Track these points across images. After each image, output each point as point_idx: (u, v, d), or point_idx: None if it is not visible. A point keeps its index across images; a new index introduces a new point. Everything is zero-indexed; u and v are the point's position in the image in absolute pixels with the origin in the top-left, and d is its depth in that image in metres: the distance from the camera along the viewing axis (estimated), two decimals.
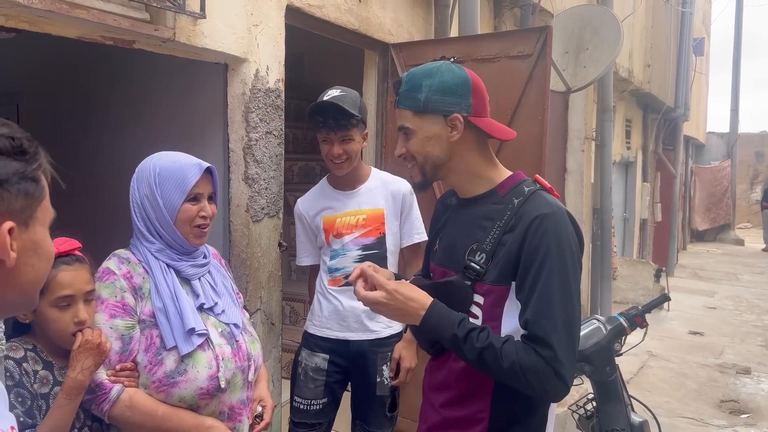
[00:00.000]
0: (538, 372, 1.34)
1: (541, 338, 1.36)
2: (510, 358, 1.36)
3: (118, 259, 1.63)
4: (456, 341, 1.41)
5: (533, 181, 1.54)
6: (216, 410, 1.63)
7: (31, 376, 1.48)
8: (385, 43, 3.34)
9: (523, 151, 2.90)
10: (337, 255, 2.38)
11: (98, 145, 3.17)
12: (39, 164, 0.81)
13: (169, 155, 1.66)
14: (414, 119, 1.50)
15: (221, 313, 1.68)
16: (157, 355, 1.56)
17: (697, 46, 11.92)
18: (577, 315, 1.40)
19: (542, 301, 1.37)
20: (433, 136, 1.49)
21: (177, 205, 1.60)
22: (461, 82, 1.48)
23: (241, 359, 1.67)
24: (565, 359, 1.35)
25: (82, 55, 3.06)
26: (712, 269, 12.11)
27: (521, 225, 1.42)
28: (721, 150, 17.54)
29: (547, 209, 1.42)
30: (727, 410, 4.93)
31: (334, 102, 2.22)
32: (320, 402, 2.41)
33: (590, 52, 5.00)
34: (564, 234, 1.41)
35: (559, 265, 1.38)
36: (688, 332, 7.19)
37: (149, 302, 1.59)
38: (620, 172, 9.47)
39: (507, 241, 1.43)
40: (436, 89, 1.47)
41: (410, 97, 1.50)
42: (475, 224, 1.52)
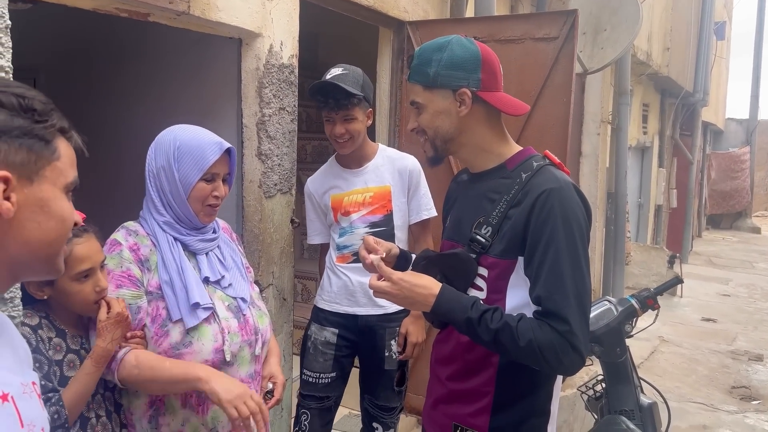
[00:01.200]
0: (555, 347, 1.35)
1: (555, 313, 1.36)
2: (526, 336, 1.36)
3: (126, 231, 1.65)
4: (470, 324, 1.41)
5: (543, 156, 1.54)
6: None
7: (46, 342, 1.51)
8: (400, 20, 3.31)
9: (547, 133, 2.91)
10: (345, 233, 2.41)
11: (113, 119, 3.18)
12: (50, 125, 0.83)
13: (191, 130, 1.64)
14: (424, 94, 1.50)
15: (228, 287, 1.69)
16: (163, 326, 1.58)
17: (718, 30, 11.70)
18: (588, 288, 1.41)
19: (553, 277, 1.37)
20: (443, 110, 1.49)
21: (192, 182, 1.60)
22: (471, 57, 1.47)
23: (248, 333, 1.68)
24: (580, 332, 1.36)
25: (98, 30, 3.07)
26: (727, 257, 12.01)
27: (528, 199, 1.42)
28: (740, 136, 17.28)
29: (554, 183, 1.42)
30: (737, 396, 4.92)
31: (333, 82, 2.22)
32: (329, 376, 2.44)
33: (608, 33, 4.93)
34: (571, 208, 1.40)
35: (567, 239, 1.38)
36: (701, 319, 7.15)
37: (156, 274, 1.61)
38: (636, 157, 9.37)
39: (513, 216, 1.44)
40: (445, 64, 1.47)
41: (420, 72, 1.49)
42: (482, 198, 1.53)
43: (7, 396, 0.78)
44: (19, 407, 0.79)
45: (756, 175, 17.72)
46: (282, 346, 2.74)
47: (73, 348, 1.57)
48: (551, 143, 2.96)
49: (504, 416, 1.51)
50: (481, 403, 1.52)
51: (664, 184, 10.34)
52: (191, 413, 1.62)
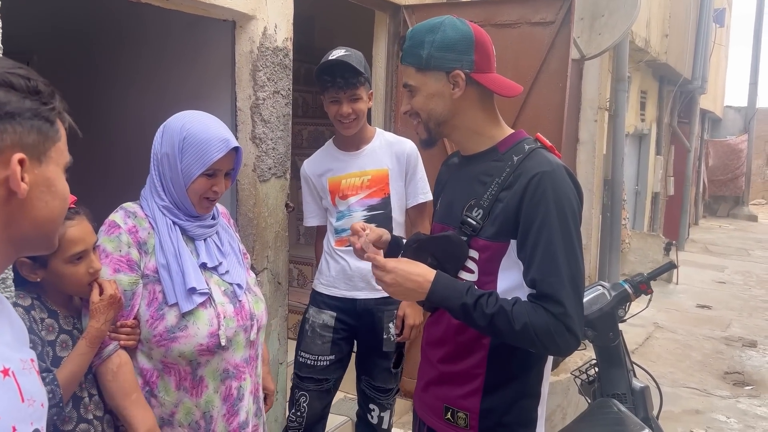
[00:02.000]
0: (550, 330, 1.36)
1: (550, 295, 1.37)
2: (521, 319, 1.37)
3: (124, 212, 1.64)
4: (466, 310, 1.41)
5: (534, 139, 1.53)
6: (219, 368, 1.64)
7: (39, 323, 1.52)
8: (396, 4, 3.29)
9: (542, 118, 2.91)
10: (343, 216, 2.41)
11: (105, 102, 3.17)
12: (54, 107, 0.85)
13: (201, 121, 1.62)
14: (417, 76, 1.48)
15: (225, 273, 1.70)
16: (159, 310, 1.59)
17: (717, 17, 11.63)
18: (581, 270, 1.41)
19: (547, 259, 1.38)
20: (436, 92, 1.48)
21: (194, 175, 1.60)
22: (464, 38, 1.46)
23: (243, 318, 1.68)
24: (575, 314, 1.37)
25: (92, 13, 3.05)
26: (724, 244, 12.04)
27: (520, 182, 1.42)
28: (738, 124, 17.25)
29: (546, 167, 1.42)
30: (731, 382, 4.95)
31: (342, 60, 2.22)
32: (327, 358, 2.45)
33: (606, 18, 4.90)
34: (563, 191, 1.40)
35: (560, 222, 1.38)
36: (696, 305, 7.19)
37: (153, 257, 1.61)
38: (633, 144, 9.36)
39: (505, 198, 1.44)
40: (438, 45, 1.45)
41: (413, 54, 1.48)
42: (474, 181, 1.52)
43: (8, 371, 0.80)
44: (19, 382, 0.81)
45: (753, 163, 17.72)
46: (277, 330, 2.75)
47: (66, 329, 1.57)
48: (547, 129, 2.95)
49: (495, 398, 1.52)
50: (472, 385, 1.53)
51: (662, 172, 10.34)
52: (185, 395, 1.63)
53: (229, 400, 1.67)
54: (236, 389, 1.69)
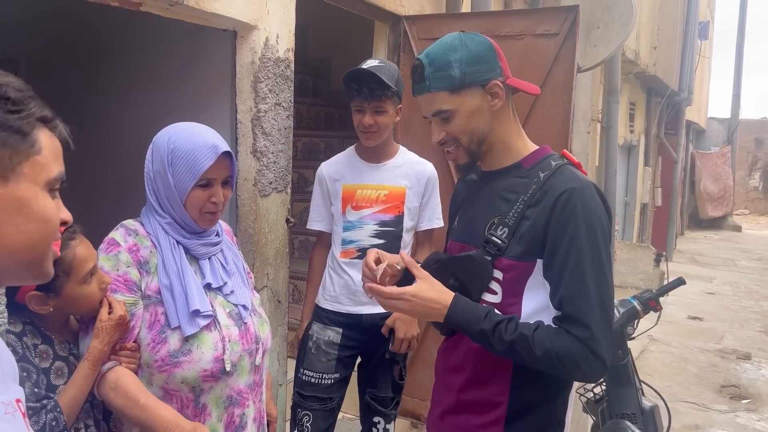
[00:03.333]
0: (574, 355, 1.30)
1: (577, 318, 1.31)
2: (543, 345, 1.31)
3: (125, 230, 1.56)
4: (484, 336, 1.35)
5: (560, 155, 1.47)
6: (223, 394, 1.56)
7: (32, 350, 1.44)
8: (396, 14, 3.23)
9: (547, 130, 2.87)
10: (353, 227, 2.34)
11: (101, 113, 3.07)
12: (27, 115, 0.74)
13: (187, 131, 1.53)
14: (452, 99, 1.41)
15: (230, 294, 1.62)
16: (161, 333, 1.50)
17: (701, 30, 11.78)
18: (610, 292, 1.35)
19: (575, 280, 1.32)
20: (476, 109, 1.42)
21: (187, 188, 1.51)
22: (487, 48, 1.42)
23: (248, 341, 1.60)
24: (602, 337, 1.30)
25: (85, 19, 2.95)
26: (710, 255, 12.12)
27: (547, 199, 1.36)
28: (722, 135, 17.47)
29: (575, 183, 1.36)
30: (727, 395, 4.93)
31: (370, 71, 2.17)
32: (332, 376, 2.38)
33: (601, 30, 4.89)
34: (593, 209, 1.34)
35: (589, 241, 1.32)
36: (688, 317, 7.18)
37: (156, 278, 1.53)
38: (623, 155, 9.40)
39: (532, 216, 1.38)
40: (467, 61, 1.39)
41: (442, 78, 1.40)
42: (497, 197, 1.46)
43: None
44: None
45: (737, 173, 17.94)
46: (276, 350, 2.66)
47: (61, 355, 1.50)
48: (552, 141, 2.88)
49: (518, 427, 1.44)
50: (493, 414, 1.45)
51: (650, 183, 10.40)
52: None
53: (230, 428, 1.58)
54: (239, 417, 1.60)
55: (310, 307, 2.46)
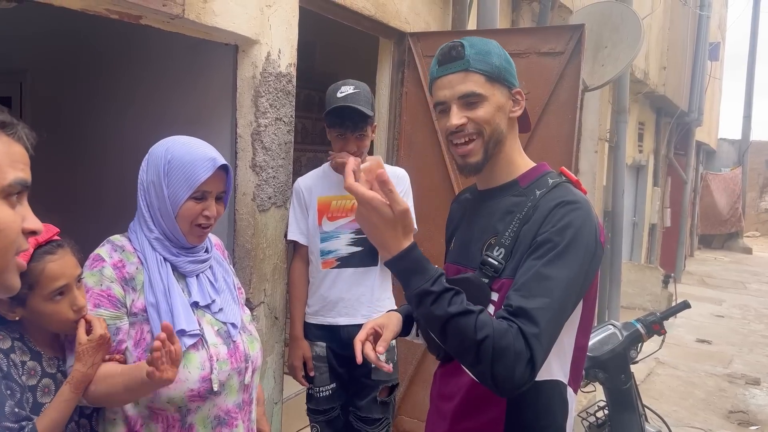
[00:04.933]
0: (510, 349, 1.15)
1: (529, 311, 1.18)
2: (485, 330, 1.16)
3: (111, 246, 1.54)
4: (424, 296, 1.19)
5: (559, 173, 1.41)
6: (210, 414, 1.53)
7: (19, 367, 1.41)
8: (401, 31, 3.23)
9: (551, 149, 2.85)
10: (330, 237, 2.40)
11: (103, 126, 3.07)
12: None
13: (185, 143, 1.53)
14: (486, 85, 1.33)
15: (218, 312, 1.59)
16: (147, 351, 1.46)
17: (712, 51, 11.74)
18: (568, 311, 1.25)
19: (542, 278, 1.21)
20: (502, 107, 1.36)
21: (181, 200, 1.50)
22: (510, 58, 1.41)
23: (237, 360, 1.57)
24: (546, 344, 1.19)
25: (88, 33, 2.96)
26: (720, 277, 11.97)
27: (540, 212, 1.30)
28: (732, 157, 17.36)
29: (571, 197, 1.31)
30: (735, 421, 4.83)
31: (352, 105, 2.25)
32: (329, 388, 2.44)
33: (609, 50, 4.88)
34: (585, 226, 1.26)
35: (570, 252, 1.23)
36: (696, 340, 7.08)
37: (142, 295, 1.50)
38: (631, 175, 9.34)
39: (527, 232, 1.31)
40: (505, 58, 1.37)
41: (483, 61, 1.33)
42: (493, 218, 1.40)
43: None
44: None
45: (747, 195, 17.79)
46: (272, 368, 2.62)
47: (49, 372, 1.46)
48: (556, 160, 2.88)
49: None
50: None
51: (659, 203, 10.31)
52: None
53: None
54: None
55: (300, 324, 2.46)
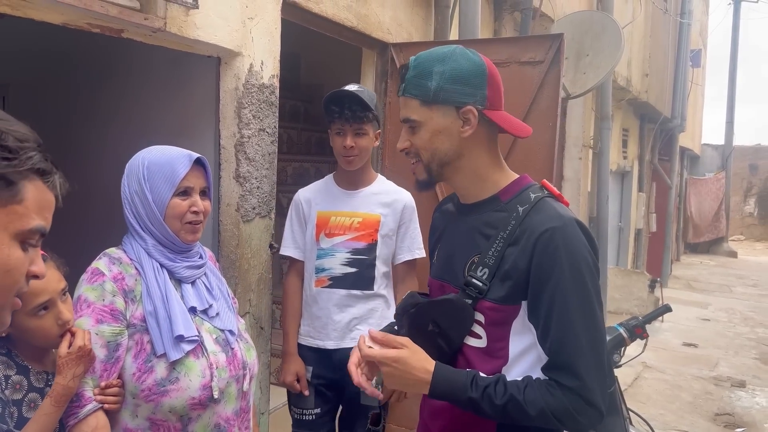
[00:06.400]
0: (568, 409, 1.23)
1: (567, 367, 1.24)
2: (537, 405, 1.24)
3: (108, 259, 1.54)
4: (473, 404, 1.27)
5: (540, 186, 1.39)
6: (210, 422, 1.53)
7: (2, 382, 1.40)
8: (383, 42, 3.26)
9: (533, 157, 2.88)
10: (326, 255, 2.30)
11: (86, 139, 3.07)
12: (19, 165, 0.74)
13: (159, 148, 1.58)
14: (422, 110, 1.33)
15: (215, 317, 1.60)
16: (147, 362, 1.47)
17: (694, 58, 11.92)
18: (602, 333, 1.28)
19: (563, 326, 1.24)
20: (443, 129, 1.33)
21: (166, 199, 1.52)
22: (478, 71, 1.31)
23: (236, 368, 1.58)
24: (595, 385, 1.23)
25: (72, 46, 2.97)
26: (706, 281, 12.09)
27: (528, 239, 1.27)
28: (716, 162, 17.57)
29: (556, 221, 1.27)
30: (722, 424, 4.86)
31: (352, 92, 2.18)
32: (313, 412, 2.34)
33: (590, 58, 4.95)
34: (576, 247, 1.26)
35: (575, 283, 1.24)
36: (682, 344, 7.13)
37: (141, 305, 1.51)
38: (616, 181, 9.43)
39: (512, 255, 1.29)
40: (449, 77, 1.30)
41: (418, 85, 1.32)
42: (475, 234, 1.37)
43: None
44: None
45: (732, 200, 18.00)
46: (258, 377, 2.62)
47: (36, 386, 1.46)
48: (537, 168, 2.93)
49: None
50: None
51: (644, 209, 10.41)
52: None
53: None
54: None
55: (293, 339, 2.36)
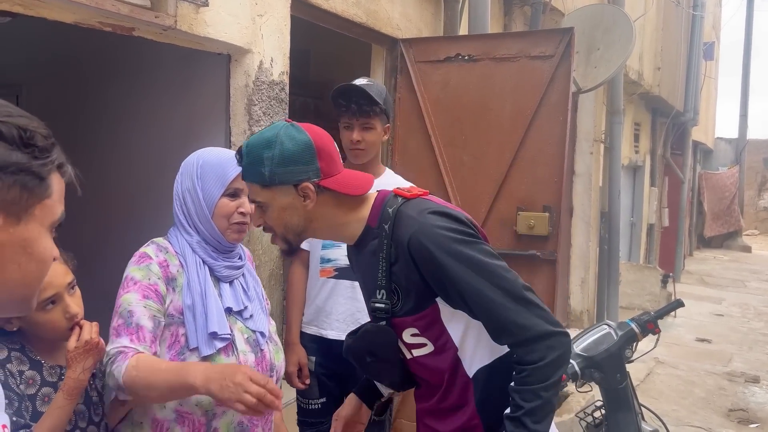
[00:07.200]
0: (548, 362, 1.30)
1: (513, 342, 1.34)
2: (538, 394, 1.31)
3: (156, 246, 1.60)
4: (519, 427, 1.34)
5: (394, 196, 1.48)
6: (234, 420, 1.57)
7: (17, 377, 1.42)
8: (393, 37, 3.26)
9: (543, 152, 2.88)
10: (332, 245, 2.34)
11: (99, 136, 3.10)
12: (49, 162, 0.78)
13: (214, 150, 1.66)
14: (264, 192, 1.40)
15: (249, 318, 1.64)
16: (180, 354, 1.52)
17: (707, 51, 11.81)
18: (507, 277, 1.35)
19: (482, 307, 1.34)
20: (288, 206, 1.40)
21: (215, 198, 1.58)
22: (304, 148, 1.38)
23: (263, 369, 1.62)
24: (536, 320, 1.31)
25: (84, 45, 2.99)
26: (719, 276, 11.99)
27: (403, 254, 1.38)
28: (729, 156, 17.40)
29: (413, 227, 1.37)
30: (735, 419, 4.83)
31: (359, 86, 2.19)
32: (318, 402, 2.37)
33: (601, 52, 4.92)
34: (440, 236, 1.35)
35: (461, 262, 1.33)
36: (696, 339, 7.09)
37: (180, 297, 1.56)
38: (628, 175, 9.37)
39: (401, 272, 1.40)
40: (278, 161, 1.36)
41: (254, 172, 1.39)
42: (367, 265, 1.48)
43: None
44: None
45: (746, 194, 17.83)
46: None
47: (50, 380, 1.48)
48: (548, 162, 2.93)
49: None
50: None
51: (656, 203, 10.34)
52: None
53: None
54: None
55: (296, 329, 2.39)
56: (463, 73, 3.11)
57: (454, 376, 1.45)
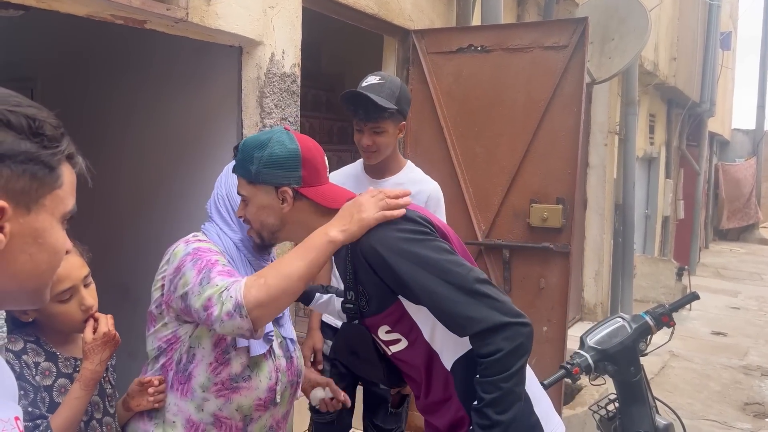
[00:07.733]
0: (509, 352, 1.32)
1: (472, 335, 1.36)
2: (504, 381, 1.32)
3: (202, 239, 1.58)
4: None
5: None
6: (266, 424, 1.59)
7: (32, 368, 1.45)
8: (405, 29, 3.24)
9: (557, 144, 2.86)
10: None
11: (112, 129, 3.12)
12: (58, 151, 0.77)
13: None
14: (248, 188, 1.50)
15: (282, 326, 1.66)
16: (225, 353, 1.51)
17: (724, 40, 11.62)
18: (462, 273, 1.37)
19: (435, 303, 1.37)
20: (267, 205, 1.49)
21: None
22: (291, 156, 1.47)
23: (292, 374, 1.65)
24: (496, 319, 1.32)
25: (97, 40, 3.01)
26: (736, 269, 11.86)
27: (359, 260, 1.44)
28: (746, 147, 17.16)
29: (368, 233, 1.41)
30: (751, 413, 4.79)
31: (364, 93, 2.13)
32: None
33: (616, 42, 4.86)
34: (391, 241, 1.40)
35: (414, 263, 1.37)
36: (711, 332, 7.03)
37: None
38: (643, 167, 9.27)
39: (365, 278, 1.45)
40: (265, 162, 1.46)
41: (243, 167, 1.50)
42: (341, 269, 1.54)
43: None
44: None
45: (763, 185, 17.59)
46: None
47: (65, 372, 1.51)
48: (561, 154, 2.90)
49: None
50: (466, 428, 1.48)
51: (672, 195, 10.23)
52: None
53: None
54: None
55: (318, 316, 2.37)
56: (476, 64, 3.09)
57: (433, 369, 1.49)
